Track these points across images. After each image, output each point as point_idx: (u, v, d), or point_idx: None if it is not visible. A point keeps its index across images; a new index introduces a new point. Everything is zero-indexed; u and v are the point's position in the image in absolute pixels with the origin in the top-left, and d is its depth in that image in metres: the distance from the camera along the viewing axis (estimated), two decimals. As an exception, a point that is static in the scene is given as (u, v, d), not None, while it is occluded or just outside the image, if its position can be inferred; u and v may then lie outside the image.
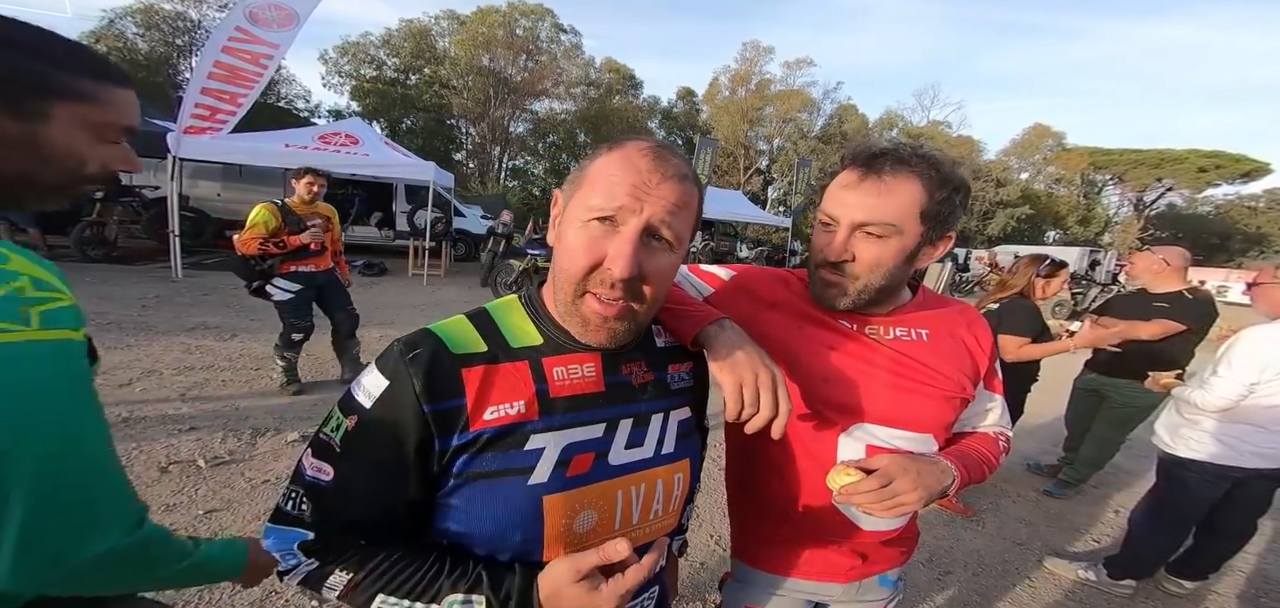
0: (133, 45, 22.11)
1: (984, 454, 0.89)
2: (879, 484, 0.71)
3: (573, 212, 0.60)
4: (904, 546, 0.93)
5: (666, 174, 0.58)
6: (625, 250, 0.56)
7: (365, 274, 8.72)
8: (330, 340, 3.96)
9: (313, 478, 0.58)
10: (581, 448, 0.61)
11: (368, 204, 11.31)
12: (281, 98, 24.67)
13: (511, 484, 0.58)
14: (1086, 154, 32.29)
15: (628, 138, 0.62)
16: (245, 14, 6.77)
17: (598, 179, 0.58)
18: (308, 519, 0.58)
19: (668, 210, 0.58)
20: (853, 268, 0.77)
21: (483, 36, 26.40)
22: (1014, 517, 2.95)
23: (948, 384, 0.82)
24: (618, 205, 0.56)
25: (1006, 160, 33.49)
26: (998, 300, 2.72)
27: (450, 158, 26.55)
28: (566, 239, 0.60)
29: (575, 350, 0.64)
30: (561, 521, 0.59)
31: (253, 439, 2.87)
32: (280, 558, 0.59)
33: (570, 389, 0.62)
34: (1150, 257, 2.82)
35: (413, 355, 0.57)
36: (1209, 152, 29.26)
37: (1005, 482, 3.37)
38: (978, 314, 0.93)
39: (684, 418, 0.72)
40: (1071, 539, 2.80)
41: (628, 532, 0.65)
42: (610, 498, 0.63)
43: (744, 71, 30.89)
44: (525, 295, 0.68)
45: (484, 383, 0.58)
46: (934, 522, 2.78)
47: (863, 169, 0.75)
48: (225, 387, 3.53)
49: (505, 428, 0.58)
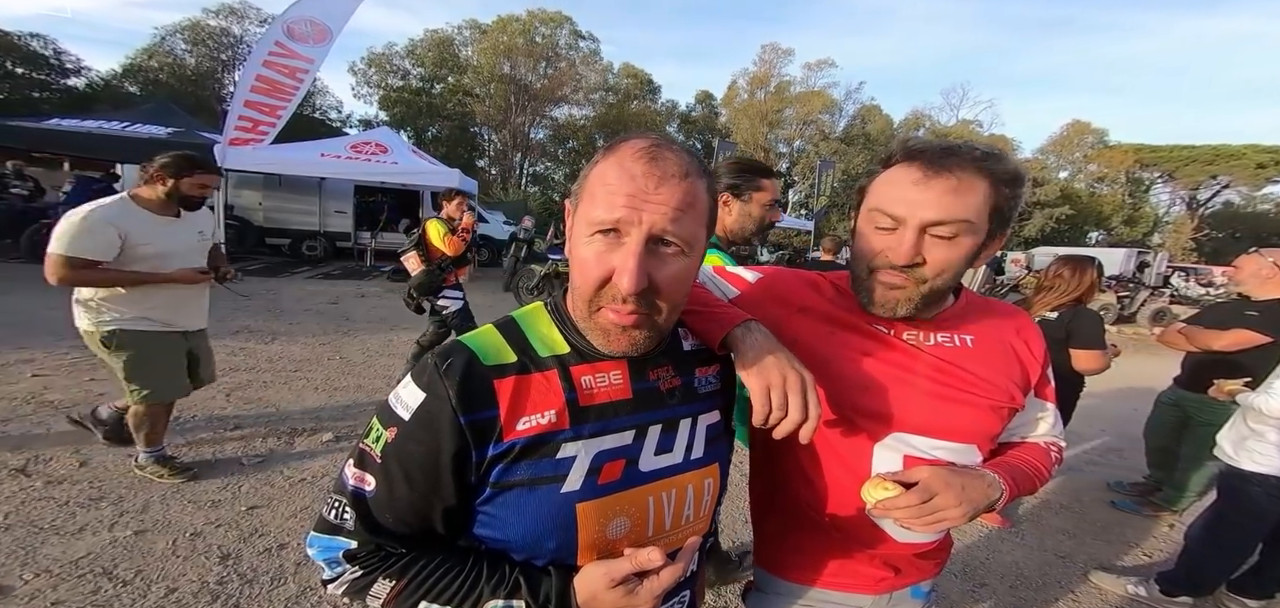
0: (182, 61, 23.42)
1: (1035, 466, 0.84)
2: (919, 499, 0.68)
3: (578, 226, 0.59)
4: (938, 557, 0.89)
5: (665, 176, 0.55)
6: (630, 265, 0.54)
7: (393, 280, 8.97)
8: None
9: (355, 488, 0.59)
10: (612, 455, 0.61)
11: (396, 211, 11.68)
12: (316, 109, 25.71)
13: (545, 493, 0.58)
14: (1131, 151, 30.73)
15: (624, 139, 0.58)
16: (283, 29, 7.10)
17: (596, 190, 0.56)
18: (351, 528, 0.59)
19: (670, 216, 0.55)
20: (922, 271, 0.71)
21: (503, 44, 26.98)
22: (1056, 527, 2.82)
23: (995, 392, 0.78)
24: (617, 217, 0.54)
25: (1043, 159, 32.16)
26: (1057, 309, 2.55)
27: (473, 164, 27.15)
28: (576, 254, 0.59)
29: (602, 359, 0.63)
30: (595, 528, 0.59)
31: (290, 439, 2.99)
32: (325, 566, 0.61)
33: (599, 397, 0.62)
34: (1258, 259, 2.51)
35: (448, 367, 0.58)
36: (1269, 146, 27.48)
37: (1048, 491, 3.23)
38: (1029, 319, 0.87)
39: (712, 422, 0.72)
40: (1120, 553, 2.66)
41: (660, 538, 0.64)
42: (642, 504, 0.62)
43: (763, 74, 30.66)
44: (551, 304, 0.68)
45: (516, 393, 0.59)
46: (969, 530, 2.68)
47: (931, 166, 0.68)
48: (266, 388, 3.69)
49: (537, 438, 0.58)
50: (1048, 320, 2.56)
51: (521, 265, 8.38)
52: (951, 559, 2.40)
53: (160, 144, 8.59)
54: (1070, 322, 2.48)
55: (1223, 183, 29.80)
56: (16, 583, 1.77)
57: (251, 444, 2.87)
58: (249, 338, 4.86)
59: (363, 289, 8.09)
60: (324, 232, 10.86)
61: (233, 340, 4.70)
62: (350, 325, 5.74)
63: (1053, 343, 2.49)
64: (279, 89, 7.34)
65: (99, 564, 1.88)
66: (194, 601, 1.77)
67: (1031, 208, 29.26)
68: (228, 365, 4.04)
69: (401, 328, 5.62)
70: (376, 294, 7.79)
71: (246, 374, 3.91)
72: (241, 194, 10.29)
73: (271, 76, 7.21)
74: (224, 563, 1.96)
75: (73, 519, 2.11)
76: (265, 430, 3.04)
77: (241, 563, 1.97)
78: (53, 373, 3.58)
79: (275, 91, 7.33)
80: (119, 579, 1.83)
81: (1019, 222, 15.47)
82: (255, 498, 2.39)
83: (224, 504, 2.32)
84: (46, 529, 2.04)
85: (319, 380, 3.96)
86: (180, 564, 1.93)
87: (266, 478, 2.57)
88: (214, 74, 23.87)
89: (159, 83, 21.80)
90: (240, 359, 4.23)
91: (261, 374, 3.95)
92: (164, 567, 1.91)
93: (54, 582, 1.78)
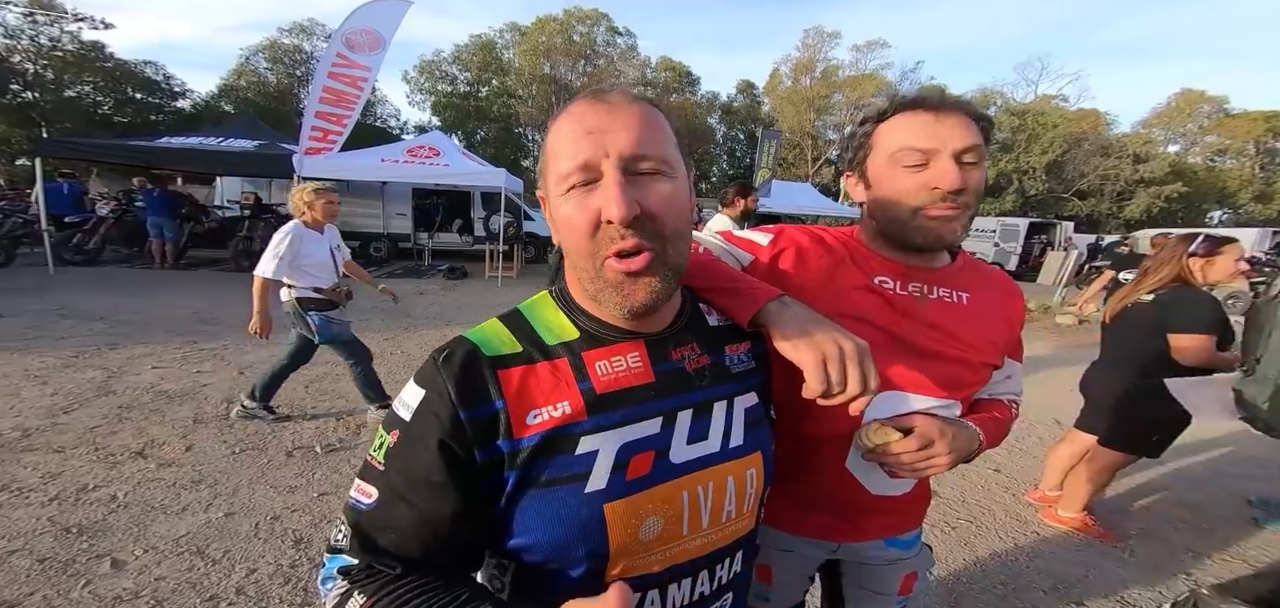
0: (264, 79, 25.72)
1: (1003, 421, 0.89)
2: (917, 446, 0.71)
3: (552, 196, 0.56)
4: (916, 508, 0.93)
5: (616, 106, 0.53)
6: (613, 192, 0.51)
7: (449, 278, 9.39)
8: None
9: (354, 502, 0.56)
10: (638, 447, 0.55)
11: (449, 211, 12.18)
12: (377, 117, 27.44)
13: (567, 493, 0.53)
14: (1261, 119, 26.66)
15: (575, 99, 0.57)
16: (343, 41, 7.56)
17: (557, 149, 0.54)
18: (346, 545, 0.56)
19: (636, 138, 0.52)
20: (966, 197, 0.73)
21: (542, 45, 27.46)
22: (1173, 545, 2.46)
23: (984, 351, 0.83)
24: (583, 160, 0.52)
25: (1147, 133, 28.64)
26: (1153, 291, 2.23)
27: (519, 164, 27.98)
28: (557, 220, 0.56)
29: (617, 340, 0.58)
30: (626, 530, 0.54)
31: (359, 430, 3.17)
32: (321, 587, 0.59)
33: (617, 383, 0.56)
34: None
35: (445, 359, 0.55)
36: None
37: (1163, 505, 2.83)
38: (1013, 283, 0.92)
39: (750, 405, 0.64)
40: (1254, 580, 2.27)
41: (698, 538, 0.58)
42: (676, 501, 0.56)
43: (807, 60, 29.53)
44: (556, 290, 0.64)
45: (522, 385, 0.54)
46: (1065, 545, 2.39)
47: (937, 108, 0.74)
48: (339, 381, 3.93)
49: (551, 432, 0.53)
50: (1143, 303, 2.24)
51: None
52: (1039, 572, 2.16)
53: (250, 156, 9.48)
54: (1169, 304, 2.15)
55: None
56: (129, 558, 1.97)
57: (324, 434, 3.07)
58: (323, 333, 5.24)
59: (422, 287, 8.51)
60: (387, 233, 11.47)
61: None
62: (411, 321, 6.04)
63: (1148, 327, 2.20)
64: (343, 99, 7.83)
65: (195, 543, 2.07)
66: (269, 582, 1.90)
67: (1133, 186, 26.12)
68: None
69: (457, 325, 5.85)
70: (434, 292, 8.18)
71: (323, 367, 4.18)
72: (317, 200, 11.13)
73: (336, 87, 7.70)
74: (297, 548, 2.09)
75: (178, 500, 2.34)
76: (336, 422, 3.24)
77: (311, 549, 2.09)
78: (169, 366, 4.02)
79: (340, 101, 7.82)
80: (210, 559, 1.99)
81: (1118, 202, 13.84)
82: (325, 485, 2.55)
83: (300, 490, 2.48)
84: (156, 509, 2.27)
85: (383, 374, 4.12)
86: (260, 546, 2.08)
87: (335, 466, 2.73)
88: (291, 89, 26.07)
89: (247, 100, 24.11)
90: (318, 354, 4.55)
91: (336, 367, 4.20)
92: (247, 548, 2.07)
93: (158, 558, 1.97)
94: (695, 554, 0.59)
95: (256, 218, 9.14)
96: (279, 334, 3.18)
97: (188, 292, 6.82)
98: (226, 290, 6.94)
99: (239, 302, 6.34)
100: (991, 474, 3.04)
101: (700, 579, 0.60)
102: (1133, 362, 2.28)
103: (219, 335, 4.96)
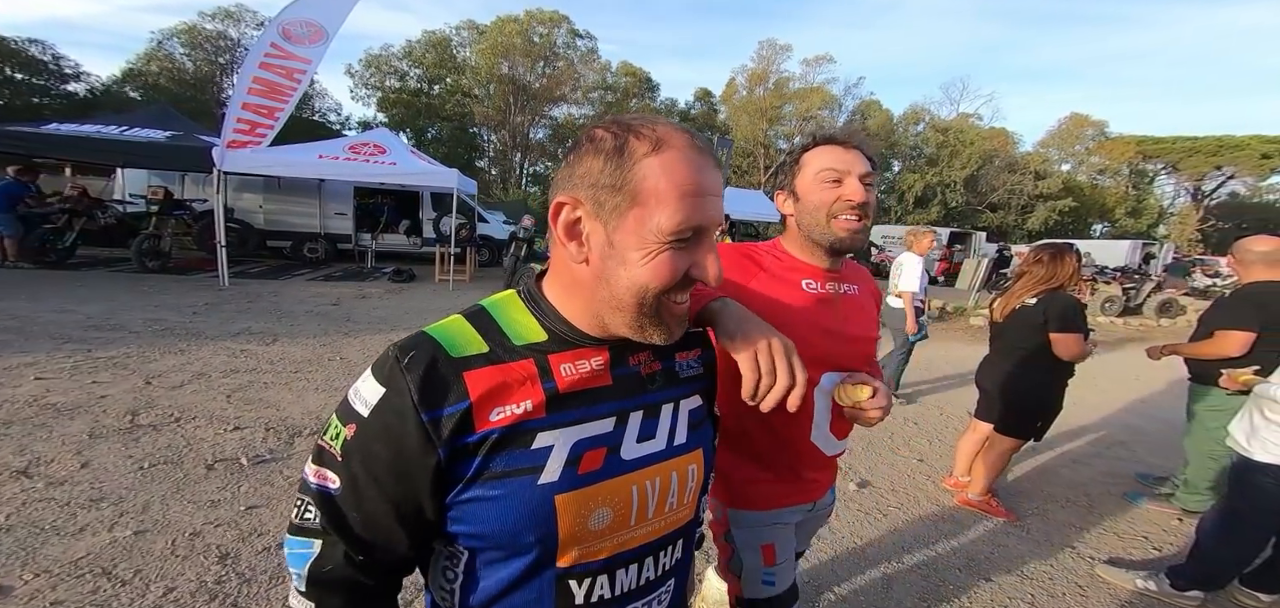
0: (180, 65, 23.42)
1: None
2: (884, 399, 0.89)
3: (629, 234, 0.55)
4: (836, 463, 1.17)
5: (715, 167, 0.59)
6: (715, 267, 0.59)
7: (395, 280, 8.97)
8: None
9: (319, 486, 0.57)
10: (592, 444, 0.59)
11: (396, 212, 11.65)
12: (315, 111, 25.71)
13: (521, 484, 0.55)
14: (1133, 143, 30.54)
15: (666, 132, 0.55)
16: (279, 31, 7.07)
17: (664, 197, 0.54)
18: (317, 526, 0.57)
19: (721, 203, 0.60)
20: (866, 209, 0.95)
21: (501, 45, 26.91)
22: (1062, 521, 2.79)
23: (874, 327, 1.11)
24: (699, 223, 0.56)
25: (1045, 152, 32.01)
26: (1036, 295, 2.58)
27: (473, 165, 27.13)
28: (645, 266, 0.55)
29: (584, 345, 0.61)
30: (575, 519, 0.57)
31: (290, 439, 2.97)
32: (294, 575, 0.60)
33: (578, 384, 0.60)
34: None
35: (409, 361, 0.54)
36: (1273, 137, 27.26)
37: (1052, 485, 3.20)
38: (870, 274, 1.18)
39: (695, 407, 0.70)
40: (1127, 547, 2.63)
41: (644, 527, 0.63)
42: (625, 494, 0.61)
43: (761, 71, 30.60)
44: (524, 290, 0.65)
45: (487, 385, 0.55)
46: (975, 526, 2.66)
47: (845, 142, 0.99)
48: (267, 389, 3.67)
49: (511, 428, 0.55)
50: (1027, 306, 2.59)
51: (522, 264, 8.41)
52: (954, 551, 2.40)
53: (159, 147, 8.62)
54: (1048, 307, 2.51)
55: (1227, 174, 29.54)
56: (16, 583, 1.75)
57: (251, 445, 2.86)
58: (250, 340, 4.85)
59: (364, 291, 8.08)
60: (325, 233, 10.83)
61: (234, 342, 4.70)
62: (352, 327, 5.72)
63: (1032, 327, 2.57)
64: (276, 91, 7.31)
65: (98, 564, 1.87)
66: (192, 600, 1.76)
67: (1034, 201, 29.15)
68: (228, 367, 4.03)
69: (402, 329, 5.61)
70: (378, 296, 7.79)
71: (247, 375, 3.90)
72: (242, 197, 10.29)
73: (268, 78, 7.18)
74: (222, 563, 1.94)
75: (73, 520, 2.10)
76: (264, 431, 3.02)
77: (240, 563, 1.96)
78: (55, 376, 3.58)
79: (272, 93, 7.30)
80: (118, 579, 1.82)
81: (1022, 214, 15.56)
82: (254, 498, 2.38)
83: (223, 504, 2.30)
84: (47, 530, 2.03)
85: (320, 381, 3.94)
86: (179, 564, 1.92)
87: (266, 478, 2.55)
88: (212, 78, 23.89)
89: (158, 87, 21.78)
90: (241, 361, 4.22)
91: (262, 375, 3.94)
92: (163, 567, 1.90)
93: (53, 582, 1.77)
94: (642, 541, 0.64)
95: (165, 214, 8.28)
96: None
97: (79, 294, 6.08)
98: (127, 292, 6.28)
99: (141, 305, 5.78)
100: (917, 465, 3.32)
101: (645, 566, 0.65)
102: (1018, 355, 2.63)
103: (120, 342, 4.47)
